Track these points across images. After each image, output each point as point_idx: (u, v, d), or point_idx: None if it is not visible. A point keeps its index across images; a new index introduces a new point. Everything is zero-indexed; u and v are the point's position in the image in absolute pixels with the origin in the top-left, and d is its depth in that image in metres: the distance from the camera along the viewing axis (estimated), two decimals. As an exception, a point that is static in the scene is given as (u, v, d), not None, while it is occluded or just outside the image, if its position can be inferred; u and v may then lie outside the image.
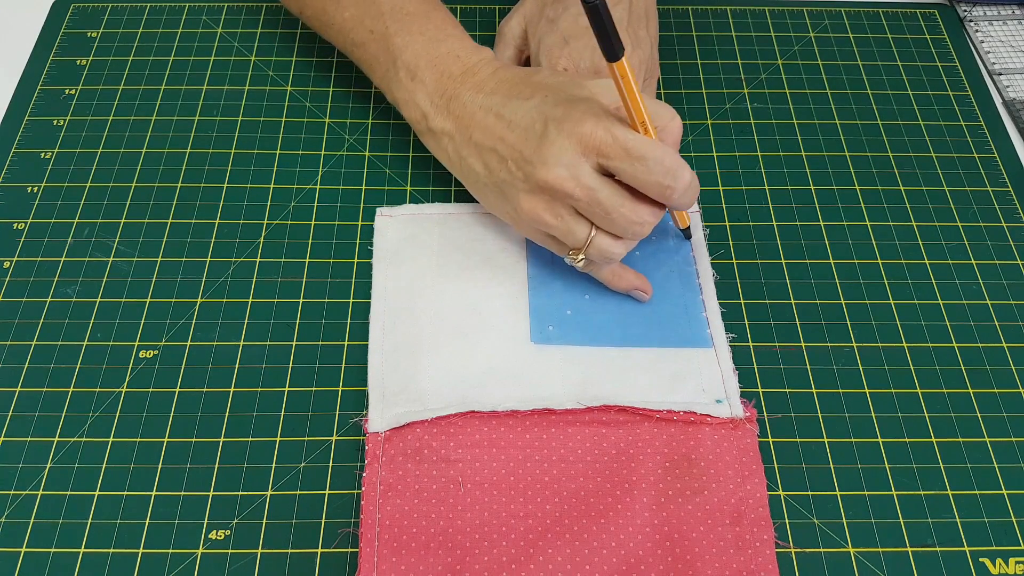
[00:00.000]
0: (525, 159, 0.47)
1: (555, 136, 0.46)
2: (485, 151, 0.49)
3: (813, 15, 0.68)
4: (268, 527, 0.45)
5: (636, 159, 0.44)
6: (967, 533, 0.45)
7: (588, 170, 0.45)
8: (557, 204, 0.47)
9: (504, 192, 0.49)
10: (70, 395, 0.48)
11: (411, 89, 0.53)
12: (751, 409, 0.48)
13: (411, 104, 0.53)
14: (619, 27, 0.56)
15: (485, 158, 0.50)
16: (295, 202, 0.56)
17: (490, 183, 0.50)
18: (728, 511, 0.44)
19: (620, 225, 0.46)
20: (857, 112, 0.62)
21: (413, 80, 0.52)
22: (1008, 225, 0.57)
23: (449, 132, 0.51)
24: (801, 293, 0.53)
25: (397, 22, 0.53)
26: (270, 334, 0.51)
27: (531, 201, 0.47)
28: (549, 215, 0.47)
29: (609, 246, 0.48)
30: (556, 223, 0.47)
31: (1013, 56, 0.66)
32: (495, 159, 0.49)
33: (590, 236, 0.47)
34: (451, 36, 0.53)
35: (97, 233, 0.55)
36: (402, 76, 0.53)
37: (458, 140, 0.51)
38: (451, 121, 0.51)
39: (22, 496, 0.45)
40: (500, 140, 0.48)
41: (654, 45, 0.58)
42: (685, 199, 0.46)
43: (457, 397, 0.48)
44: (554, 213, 0.47)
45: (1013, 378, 0.50)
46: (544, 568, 0.43)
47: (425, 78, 0.52)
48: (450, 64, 0.52)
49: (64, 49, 0.64)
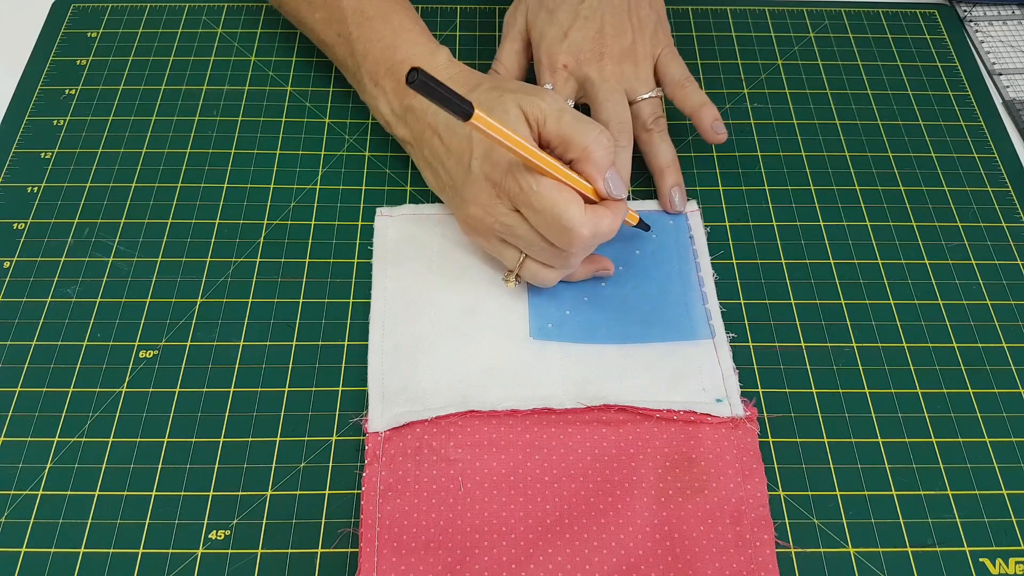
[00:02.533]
0: (455, 187, 0.49)
1: (476, 174, 0.47)
2: (431, 168, 0.52)
3: (813, 15, 0.68)
4: (268, 527, 0.45)
5: (538, 211, 0.45)
6: (967, 533, 0.45)
7: (505, 210, 0.47)
8: (485, 231, 0.49)
9: (451, 207, 0.52)
10: (70, 395, 0.48)
11: (375, 95, 0.54)
12: (751, 408, 0.48)
13: (376, 110, 0.55)
14: (615, 9, 0.56)
15: (433, 174, 0.52)
16: (295, 202, 0.56)
17: (441, 195, 0.53)
18: (728, 510, 0.44)
19: (544, 257, 0.48)
20: (857, 112, 0.62)
21: (376, 87, 0.54)
22: (1008, 225, 0.57)
23: (408, 141, 0.54)
24: (801, 293, 0.53)
25: (359, 27, 0.54)
26: (270, 334, 0.51)
27: (465, 225, 0.50)
28: (481, 239, 0.50)
29: (538, 271, 0.49)
30: (488, 246, 0.50)
31: (1013, 56, 0.66)
32: (440, 179, 0.51)
33: (520, 260, 0.49)
34: (407, 41, 0.53)
35: (97, 233, 0.55)
36: (366, 82, 0.54)
37: (414, 151, 0.54)
38: (408, 131, 0.53)
39: (22, 496, 0.45)
40: (441, 163, 0.51)
41: (660, 19, 0.58)
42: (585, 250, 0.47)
43: (457, 397, 0.48)
44: (484, 239, 0.50)
45: (1013, 378, 0.50)
46: (544, 568, 0.43)
47: (385, 86, 0.53)
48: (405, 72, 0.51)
49: (64, 49, 0.64)
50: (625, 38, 0.56)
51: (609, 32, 0.56)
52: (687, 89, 0.56)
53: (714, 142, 0.55)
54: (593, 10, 0.56)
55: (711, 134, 0.55)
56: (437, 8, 0.67)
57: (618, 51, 0.55)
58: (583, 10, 0.56)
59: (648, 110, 0.55)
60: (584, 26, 0.56)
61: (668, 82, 0.56)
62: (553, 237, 0.46)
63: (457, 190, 0.49)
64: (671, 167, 0.55)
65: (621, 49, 0.55)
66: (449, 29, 0.66)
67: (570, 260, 0.48)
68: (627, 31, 0.56)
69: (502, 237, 0.48)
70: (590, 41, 0.55)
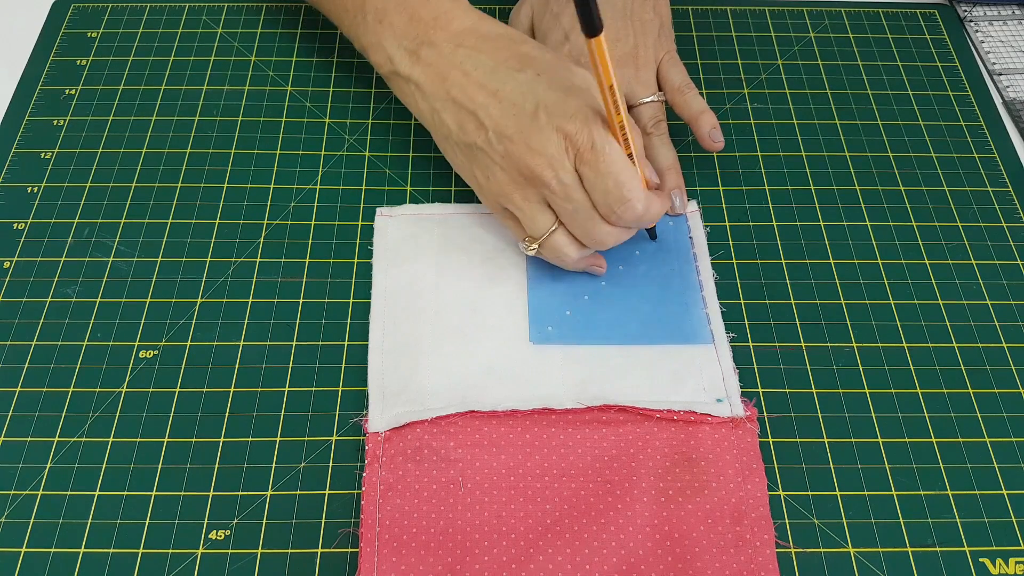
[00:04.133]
0: (507, 136, 0.46)
1: (545, 124, 0.45)
2: (463, 112, 0.48)
3: (813, 15, 0.68)
4: (268, 527, 0.45)
5: (603, 174, 0.44)
6: (967, 533, 0.45)
7: (569, 167, 0.45)
8: (529, 188, 0.47)
9: (475, 157, 0.49)
10: (70, 395, 0.48)
11: (378, 32, 0.52)
12: (751, 408, 0.48)
13: (377, 47, 0.52)
14: (617, 14, 0.56)
15: (461, 118, 0.49)
16: (295, 202, 0.56)
17: (460, 143, 0.49)
18: (728, 510, 0.44)
19: (583, 229, 0.47)
20: (857, 112, 0.62)
21: (381, 23, 0.52)
22: (1008, 225, 0.57)
23: (418, 80, 0.50)
24: (801, 293, 0.53)
25: None
26: (270, 334, 0.51)
27: (503, 177, 0.47)
28: (519, 196, 0.47)
29: (564, 246, 0.48)
30: (523, 205, 0.47)
31: (1013, 56, 0.66)
32: (472, 123, 0.48)
33: (551, 229, 0.48)
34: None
35: (97, 233, 0.55)
36: (370, 20, 0.52)
37: (429, 92, 0.50)
38: (422, 69, 0.50)
39: (22, 496, 0.45)
40: (482, 107, 0.47)
41: (664, 24, 0.58)
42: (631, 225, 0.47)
43: (457, 397, 0.48)
44: (524, 195, 0.47)
45: (1013, 378, 0.50)
46: (544, 568, 0.43)
47: (394, 21, 0.51)
48: (418, 7, 0.51)
49: (64, 49, 0.64)
50: (627, 43, 0.56)
51: (610, 37, 0.56)
52: (687, 96, 0.56)
53: (711, 150, 0.55)
54: None
55: (708, 142, 0.55)
56: (437, 8, 0.67)
57: (619, 55, 0.55)
58: None
59: (649, 114, 0.56)
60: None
61: (668, 87, 0.56)
62: (608, 205, 0.45)
63: (508, 136, 0.46)
64: (671, 170, 0.55)
65: (622, 53, 0.56)
66: (449, 29, 0.66)
67: (606, 239, 0.47)
68: (629, 35, 0.56)
69: (548, 198, 0.47)
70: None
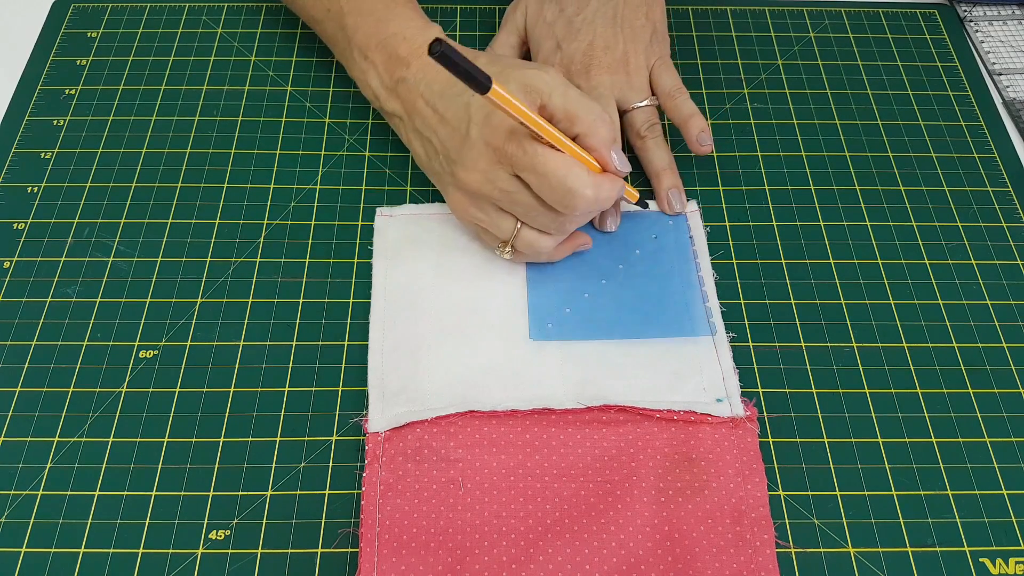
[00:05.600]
0: (450, 157, 0.49)
1: (475, 139, 0.47)
2: (423, 139, 0.52)
3: (813, 15, 0.68)
4: (268, 527, 0.45)
5: (540, 174, 0.45)
6: (967, 533, 0.45)
7: (504, 175, 0.47)
8: (481, 201, 0.49)
9: (439, 180, 0.52)
10: (70, 395, 0.48)
11: (364, 69, 0.54)
12: (752, 408, 0.48)
13: (365, 84, 0.55)
14: (608, 21, 0.57)
15: (424, 146, 0.52)
16: (295, 202, 0.56)
17: (429, 169, 0.53)
18: (728, 510, 0.44)
19: (543, 223, 0.48)
20: (857, 112, 0.62)
21: (366, 60, 0.54)
22: (1008, 225, 0.57)
23: (399, 114, 0.53)
24: (801, 293, 0.53)
25: (349, 1, 0.54)
26: (270, 334, 0.51)
27: (458, 195, 0.50)
28: (475, 209, 0.49)
29: (535, 240, 0.49)
30: (482, 216, 0.49)
31: (1013, 56, 0.66)
32: (431, 149, 0.51)
33: (516, 229, 0.49)
34: (399, 16, 0.53)
35: (97, 233, 0.55)
36: (356, 56, 0.54)
37: (406, 123, 0.53)
38: (399, 103, 0.53)
39: (22, 496, 0.45)
40: (434, 132, 0.50)
41: (657, 30, 0.59)
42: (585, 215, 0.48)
43: (457, 397, 0.48)
44: (479, 207, 0.49)
45: (1013, 378, 0.50)
46: (544, 568, 0.43)
47: (375, 59, 0.53)
48: (397, 46, 0.52)
49: (64, 49, 0.64)
50: (616, 50, 0.56)
51: (600, 44, 0.56)
52: (677, 100, 0.56)
53: (699, 153, 0.55)
54: (586, 22, 0.57)
55: (696, 145, 0.55)
56: (437, 8, 0.67)
57: (609, 62, 0.56)
58: (577, 22, 0.57)
59: (642, 118, 0.56)
60: (576, 38, 0.57)
61: (660, 92, 0.57)
62: (556, 200, 0.45)
63: (452, 158, 0.49)
64: (667, 171, 0.55)
65: (612, 60, 0.56)
66: (449, 29, 0.66)
67: (567, 225, 0.48)
68: (619, 42, 0.57)
69: (499, 205, 0.48)
70: (580, 54, 0.56)
